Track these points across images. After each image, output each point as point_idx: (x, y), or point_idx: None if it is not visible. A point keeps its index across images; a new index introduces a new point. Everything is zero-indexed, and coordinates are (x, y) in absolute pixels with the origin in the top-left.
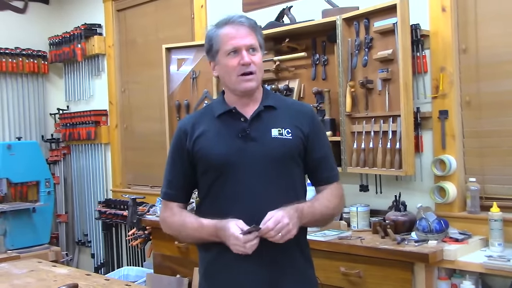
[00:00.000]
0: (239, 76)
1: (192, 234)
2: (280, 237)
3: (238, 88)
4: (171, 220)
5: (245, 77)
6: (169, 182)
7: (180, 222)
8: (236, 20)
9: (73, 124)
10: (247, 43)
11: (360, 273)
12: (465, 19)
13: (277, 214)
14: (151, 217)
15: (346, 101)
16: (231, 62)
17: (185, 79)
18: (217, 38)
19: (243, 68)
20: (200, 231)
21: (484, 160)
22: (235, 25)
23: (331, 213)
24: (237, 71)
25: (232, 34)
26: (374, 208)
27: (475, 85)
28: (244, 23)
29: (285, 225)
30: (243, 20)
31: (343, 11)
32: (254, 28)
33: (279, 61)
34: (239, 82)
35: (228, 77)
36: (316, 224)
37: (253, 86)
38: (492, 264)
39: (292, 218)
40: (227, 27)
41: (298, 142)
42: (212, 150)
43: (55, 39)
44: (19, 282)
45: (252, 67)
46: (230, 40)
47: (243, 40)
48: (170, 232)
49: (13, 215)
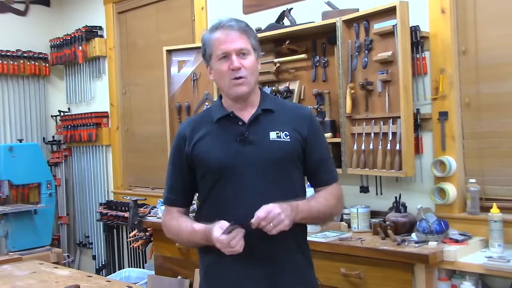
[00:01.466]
0: (231, 80)
1: (188, 239)
2: (272, 228)
3: (231, 92)
4: (170, 224)
5: (236, 81)
6: (170, 187)
7: (177, 226)
8: (226, 25)
9: (74, 126)
10: (236, 47)
11: (361, 274)
12: (465, 21)
13: (269, 205)
14: (152, 219)
15: (346, 102)
16: (222, 67)
17: (186, 81)
18: (210, 43)
19: (233, 73)
20: (194, 236)
21: (484, 161)
22: (225, 29)
23: (329, 211)
24: (228, 75)
25: (222, 39)
26: (374, 209)
27: (474, 87)
28: (234, 27)
29: (276, 215)
30: (232, 24)
31: (343, 13)
32: (245, 31)
33: (279, 63)
34: (231, 87)
35: (222, 82)
36: (313, 221)
37: (244, 90)
38: (492, 265)
39: (284, 210)
40: (218, 32)
41: (297, 144)
42: (211, 154)
43: (56, 41)
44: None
45: (243, 71)
46: (220, 45)
47: (232, 45)
48: (171, 236)
49: (14, 217)
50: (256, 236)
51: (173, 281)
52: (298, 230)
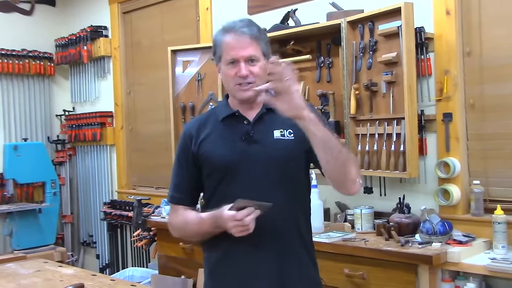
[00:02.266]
0: (236, 85)
1: (196, 230)
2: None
3: (236, 96)
4: (175, 221)
5: (241, 87)
6: (176, 185)
7: (183, 220)
8: (238, 30)
9: (78, 125)
10: (245, 54)
11: (364, 275)
12: (469, 22)
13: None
14: (156, 218)
15: (350, 103)
16: (230, 72)
17: (191, 81)
18: (220, 45)
19: (240, 79)
20: (202, 224)
21: (488, 163)
22: (237, 35)
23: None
24: (235, 81)
25: (232, 44)
26: (378, 210)
27: (479, 88)
28: (246, 33)
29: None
30: (245, 31)
31: (347, 14)
32: (257, 38)
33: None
34: (237, 91)
35: (228, 85)
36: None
37: (250, 95)
38: (495, 266)
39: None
40: (229, 36)
41: (301, 142)
42: (216, 152)
43: (61, 41)
44: (26, 281)
45: (250, 78)
46: (230, 50)
47: (242, 52)
48: (177, 234)
49: (19, 216)
50: (262, 233)
51: (177, 281)
52: (304, 228)
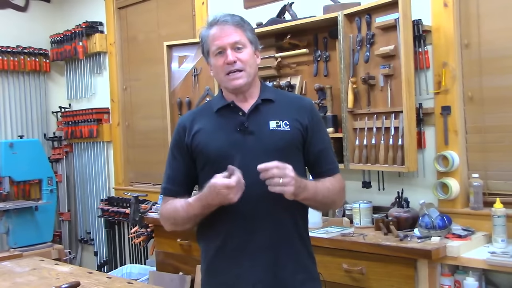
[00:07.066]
0: (226, 75)
1: (186, 215)
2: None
3: (228, 86)
4: (164, 211)
5: (231, 76)
6: (169, 177)
7: (172, 208)
8: (220, 20)
9: (75, 122)
10: (231, 41)
11: (363, 270)
12: (467, 14)
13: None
14: (153, 215)
15: (348, 97)
16: (218, 62)
17: (187, 76)
18: (206, 40)
19: (228, 67)
20: (190, 208)
21: (487, 156)
22: (219, 24)
23: (332, 198)
24: (224, 70)
25: (217, 34)
26: (376, 204)
27: (477, 80)
28: (228, 22)
29: (287, 173)
30: (227, 19)
31: (344, 7)
32: (240, 24)
33: (280, 57)
34: (227, 81)
35: (219, 77)
36: (316, 204)
37: (241, 83)
38: (495, 260)
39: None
40: (213, 28)
41: (297, 134)
42: (211, 144)
43: (56, 37)
44: (21, 280)
45: (238, 64)
46: (215, 40)
47: (227, 39)
48: (168, 224)
49: (16, 214)
50: (258, 227)
51: (175, 277)
52: (300, 222)
